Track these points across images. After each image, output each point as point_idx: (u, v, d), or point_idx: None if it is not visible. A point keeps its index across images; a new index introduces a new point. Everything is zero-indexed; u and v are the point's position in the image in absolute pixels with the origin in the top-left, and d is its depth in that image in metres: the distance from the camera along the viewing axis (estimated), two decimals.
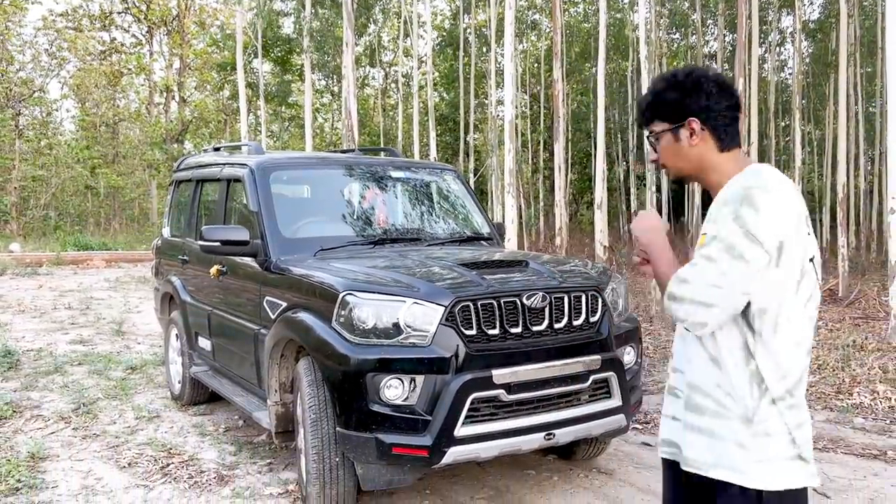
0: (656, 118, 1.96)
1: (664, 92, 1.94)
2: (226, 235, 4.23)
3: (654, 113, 1.96)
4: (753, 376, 1.79)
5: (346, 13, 14.41)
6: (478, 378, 3.30)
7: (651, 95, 1.97)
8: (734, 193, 1.78)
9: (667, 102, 1.93)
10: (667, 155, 1.96)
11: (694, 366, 1.88)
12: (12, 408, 5.45)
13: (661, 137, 1.95)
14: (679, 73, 1.95)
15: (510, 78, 11.19)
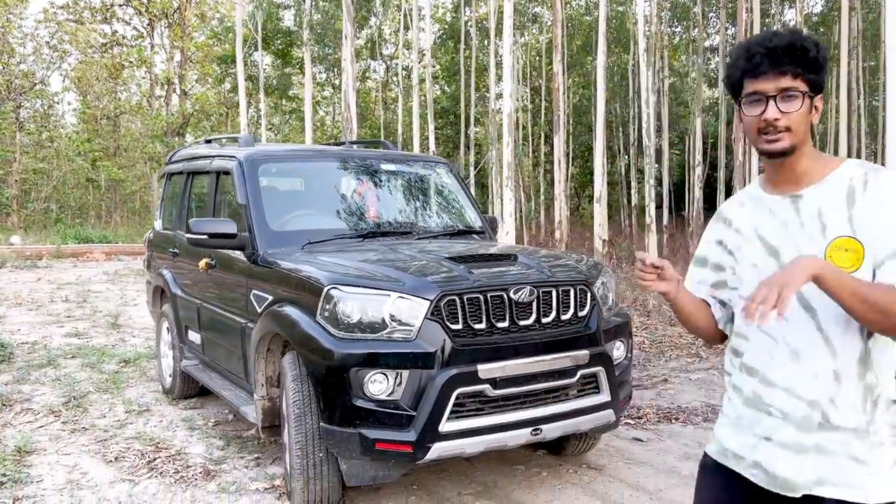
0: (803, 76, 1.66)
1: (822, 53, 1.68)
2: (213, 228, 4.19)
3: (807, 70, 1.66)
4: (868, 388, 1.67)
5: (346, 5, 14.33)
6: (463, 373, 3.27)
7: (817, 50, 1.67)
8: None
9: (821, 67, 1.68)
10: (798, 119, 1.67)
11: (820, 382, 1.68)
12: (2, 401, 5.42)
13: (799, 100, 1.66)
14: (821, 42, 1.73)
15: (509, 71, 11.14)
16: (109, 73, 32.72)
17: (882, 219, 1.61)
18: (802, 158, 1.72)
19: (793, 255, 1.65)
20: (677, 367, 6.53)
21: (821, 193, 1.69)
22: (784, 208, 1.74)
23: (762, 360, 1.76)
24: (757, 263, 1.77)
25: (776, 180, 1.78)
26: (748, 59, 1.67)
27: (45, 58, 32.49)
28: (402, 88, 20.79)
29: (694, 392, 5.69)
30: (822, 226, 1.66)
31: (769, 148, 1.69)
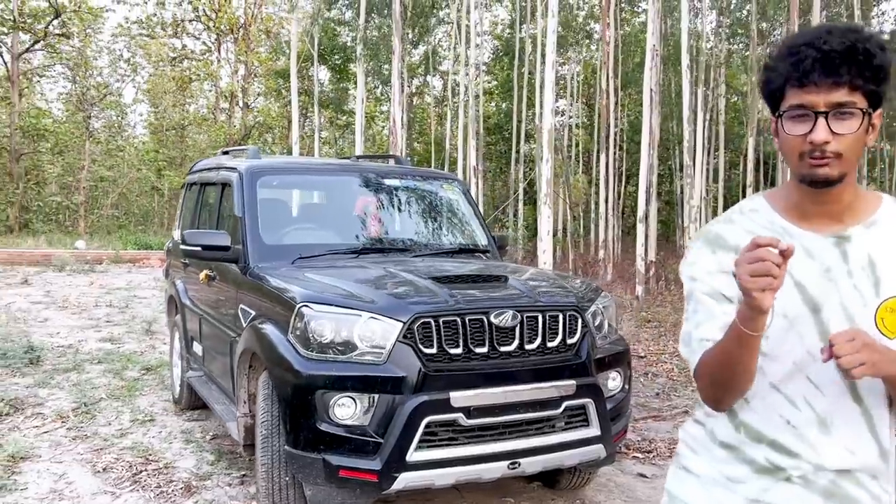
0: (863, 88, 1.33)
1: (887, 58, 1.34)
2: (207, 240, 4.16)
3: (869, 80, 1.33)
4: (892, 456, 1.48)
5: (395, 21, 14.41)
6: (434, 400, 3.11)
7: (884, 54, 1.33)
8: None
9: (886, 77, 1.35)
10: (853, 143, 1.35)
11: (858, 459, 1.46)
12: (15, 405, 5.50)
13: (852, 119, 1.34)
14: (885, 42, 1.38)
15: (550, 87, 10.95)
16: (178, 85, 33.82)
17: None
18: (847, 191, 1.41)
19: (838, 313, 1.40)
20: None
21: (871, 237, 1.41)
22: (826, 250, 1.42)
23: (774, 424, 1.47)
24: (789, 313, 1.43)
25: (809, 212, 1.44)
26: (795, 63, 1.34)
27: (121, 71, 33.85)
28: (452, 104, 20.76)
29: None
30: (874, 279, 1.39)
31: (814, 174, 1.36)
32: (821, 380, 1.42)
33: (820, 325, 1.41)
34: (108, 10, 29.41)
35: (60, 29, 28.48)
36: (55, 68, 33.14)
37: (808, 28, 1.45)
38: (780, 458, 1.46)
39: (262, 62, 31.52)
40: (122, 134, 34.48)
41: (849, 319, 1.39)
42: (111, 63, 33.91)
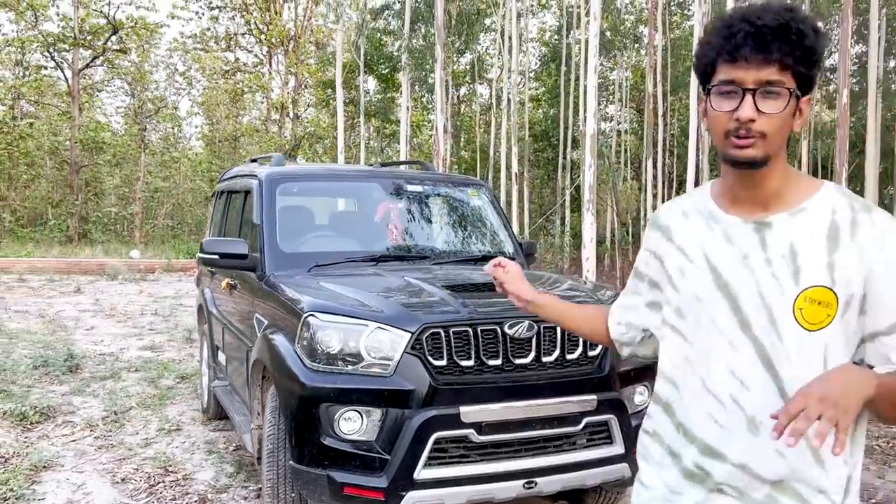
0: (793, 68, 1.30)
1: (822, 42, 1.31)
2: (225, 248, 4.10)
3: (800, 61, 1.30)
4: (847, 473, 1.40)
5: (437, 29, 14.36)
6: (443, 415, 2.96)
7: (816, 36, 1.29)
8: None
9: (818, 59, 1.31)
10: (779, 124, 1.31)
11: (789, 462, 1.38)
12: (48, 412, 5.54)
13: (783, 99, 1.30)
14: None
15: (592, 92, 10.72)
16: (231, 98, 34.53)
17: (877, 276, 1.31)
18: (775, 176, 1.37)
19: (754, 300, 1.36)
20: None
21: (796, 225, 1.36)
22: (746, 236, 1.39)
23: (703, 423, 1.43)
24: (702, 297, 1.43)
25: (739, 196, 1.42)
26: (727, 37, 1.31)
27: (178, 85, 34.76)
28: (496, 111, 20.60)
29: None
30: (794, 268, 1.34)
31: (736, 154, 1.33)
32: (745, 375, 1.37)
33: (738, 314, 1.38)
34: (164, 25, 30.11)
35: (118, 45, 29.33)
36: (114, 83, 34.24)
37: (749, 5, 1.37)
38: (708, 461, 1.41)
39: (311, 73, 31.91)
40: (177, 146, 35.37)
41: (765, 308, 1.35)
42: (168, 77, 34.88)
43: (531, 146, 27.80)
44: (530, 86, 29.60)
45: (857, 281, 1.32)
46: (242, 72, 34.84)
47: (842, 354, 1.35)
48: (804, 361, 1.33)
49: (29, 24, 28.29)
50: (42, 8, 27.90)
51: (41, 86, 30.08)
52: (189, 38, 33.90)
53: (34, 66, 30.04)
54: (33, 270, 17.53)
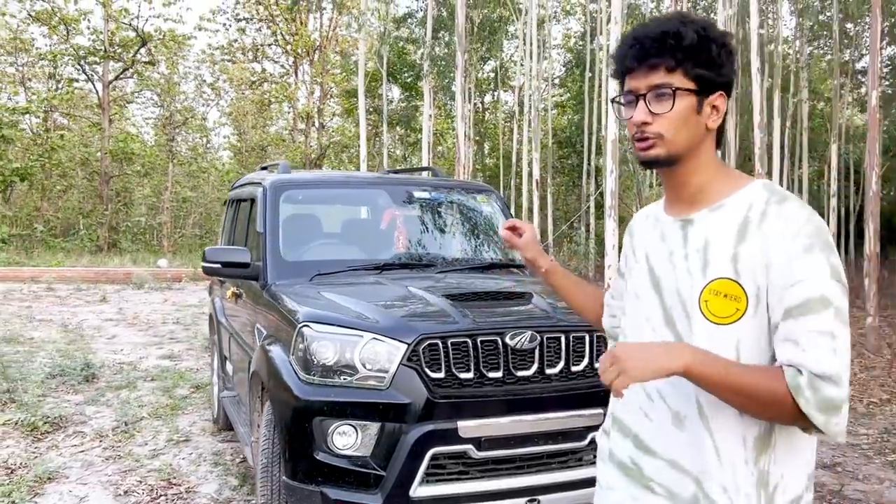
0: (682, 69, 1.36)
1: (709, 41, 1.37)
2: (227, 257, 4.03)
3: (685, 61, 1.36)
4: (762, 478, 1.37)
5: (458, 36, 14.30)
6: (440, 430, 2.85)
7: (694, 35, 1.35)
8: (815, 233, 1.31)
9: (708, 57, 1.37)
10: (673, 123, 1.37)
11: (699, 457, 1.38)
12: (59, 423, 5.52)
13: (677, 98, 1.36)
14: (717, 27, 1.43)
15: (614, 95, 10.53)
16: (258, 108, 34.84)
17: (774, 264, 1.30)
18: (696, 173, 1.43)
19: (673, 295, 1.42)
20: None
21: (713, 221, 1.40)
22: (674, 233, 1.46)
23: (635, 417, 1.49)
24: (640, 294, 1.52)
25: (670, 197, 1.51)
26: (622, 53, 1.42)
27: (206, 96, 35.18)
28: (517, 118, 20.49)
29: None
30: (704, 262, 1.38)
31: (640, 156, 1.43)
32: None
33: (664, 309, 1.43)
34: (192, 37, 30.50)
35: (147, 57, 29.74)
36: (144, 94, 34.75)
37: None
38: (640, 455, 1.46)
39: (336, 83, 32.08)
40: (205, 156, 35.77)
41: (681, 302, 1.40)
42: (196, 88, 35.33)
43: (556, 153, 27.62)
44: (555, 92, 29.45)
45: (760, 272, 1.31)
46: (269, 82, 35.14)
47: (756, 351, 1.34)
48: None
49: (61, 38, 28.82)
50: (74, 22, 28.41)
51: (73, 98, 30.61)
52: (216, 49, 34.29)
53: (66, 79, 30.58)
54: (62, 279, 17.76)
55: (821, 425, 1.26)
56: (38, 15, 28.39)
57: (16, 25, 29.57)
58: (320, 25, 32.83)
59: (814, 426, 1.27)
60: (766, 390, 1.26)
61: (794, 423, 1.30)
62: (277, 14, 32.74)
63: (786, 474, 1.38)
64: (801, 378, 1.25)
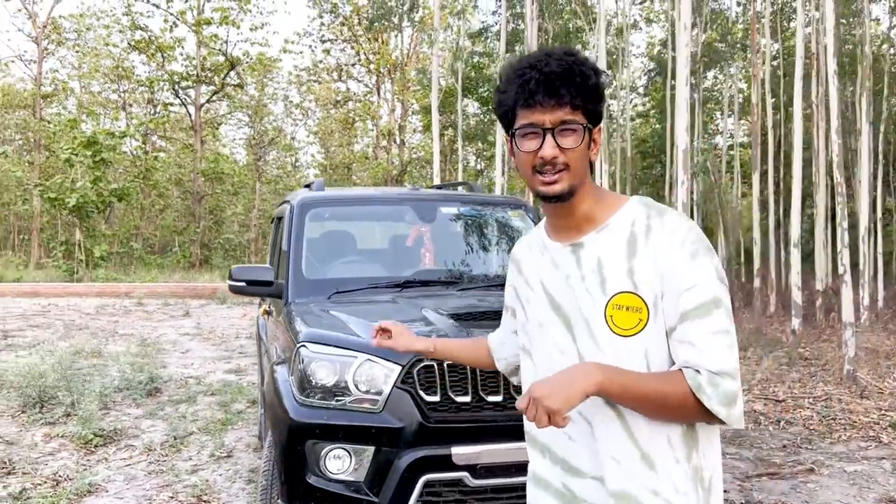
0: (583, 106, 1.44)
1: (601, 81, 1.47)
2: (251, 275, 4.05)
3: (587, 100, 1.44)
4: (697, 473, 1.43)
5: (527, 48, 14.18)
6: (433, 456, 2.74)
7: (594, 76, 1.44)
8: (697, 240, 1.41)
9: (601, 96, 1.47)
10: (578, 157, 1.45)
11: (623, 468, 1.42)
12: (113, 436, 5.70)
13: (577, 135, 1.44)
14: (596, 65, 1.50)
15: (683, 104, 10.12)
16: (343, 126, 35.67)
17: (667, 272, 1.38)
18: (584, 200, 1.49)
19: (577, 317, 1.46)
20: (840, 452, 5.25)
21: (601, 241, 1.47)
22: (566, 258, 1.51)
23: (561, 442, 1.51)
24: (543, 322, 1.55)
25: (557, 225, 1.54)
26: (521, 85, 1.44)
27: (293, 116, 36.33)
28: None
29: (841, 489, 4.48)
30: (601, 279, 1.44)
31: (546, 191, 1.46)
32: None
33: (570, 331, 1.48)
34: (278, 59, 31.57)
35: (236, 80, 30.96)
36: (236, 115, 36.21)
37: (532, 52, 1.51)
38: (570, 479, 1.49)
39: (417, 100, 32.46)
40: (294, 174, 36.89)
41: (585, 321, 1.45)
42: (285, 108, 36.54)
43: (639, 163, 26.96)
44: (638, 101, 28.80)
45: (656, 281, 1.38)
46: (353, 101, 35.93)
47: (663, 357, 1.40)
48: (622, 365, 1.38)
49: (158, 65, 30.39)
50: (169, 49, 29.92)
51: (168, 121, 32.20)
52: (303, 70, 35.35)
53: (162, 104, 32.20)
54: (152, 295, 18.57)
55: (724, 417, 1.34)
56: (136, 44, 30.04)
57: (118, 54, 31.42)
58: (401, 43, 33.33)
59: (717, 419, 1.35)
60: (672, 393, 1.34)
61: (699, 419, 1.37)
62: (360, 34, 33.48)
63: (714, 466, 1.46)
64: (700, 377, 1.33)
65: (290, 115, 37.54)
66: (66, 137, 22.99)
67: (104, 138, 22.84)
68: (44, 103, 30.49)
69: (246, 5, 29.34)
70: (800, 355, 9.34)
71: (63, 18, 31.34)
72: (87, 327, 12.57)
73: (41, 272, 24.37)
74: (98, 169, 22.59)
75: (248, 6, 29.56)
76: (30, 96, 31.14)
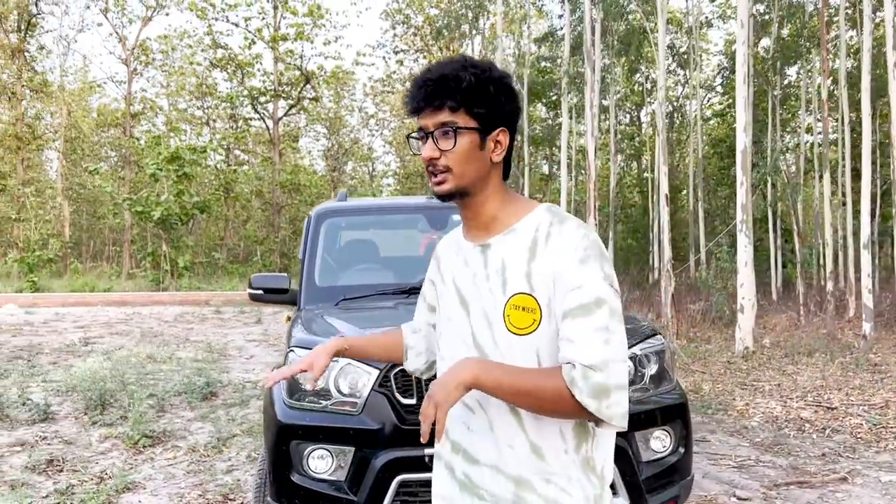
0: (464, 108, 1.49)
1: (486, 83, 1.50)
2: (268, 283, 4.23)
3: (466, 102, 1.49)
4: (587, 463, 1.50)
5: (586, 52, 14.08)
6: (407, 457, 2.82)
7: (472, 78, 1.49)
8: (590, 247, 1.48)
9: (487, 97, 1.50)
10: (459, 158, 1.50)
11: (517, 455, 1.50)
12: (160, 438, 6.01)
13: (461, 135, 1.49)
14: (496, 68, 1.55)
15: (742, 103, 9.89)
16: None
17: (558, 276, 1.45)
18: (487, 203, 1.55)
19: (479, 315, 1.53)
20: (883, 462, 5.01)
21: (507, 244, 1.53)
22: (475, 258, 1.57)
23: (460, 431, 1.57)
24: (452, 317, 1.61)
25: (468, 225, 1.61)
26: (411, 93, 1.54)
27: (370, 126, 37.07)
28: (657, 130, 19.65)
29: (871, 499, 4.28)
30: (503, 280, 1.51)
31: (435, 190, 1.55)
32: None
33: (471, 327, 1.55)
34: (351, 72, 32.31)
35: (312, 93, 31.87)
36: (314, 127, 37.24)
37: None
38: (469, 468, 1.54)
39: None
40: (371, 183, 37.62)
41: (486, 319, 1.52)
42: (362, 119, 37.33)
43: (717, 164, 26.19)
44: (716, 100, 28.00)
45: (550, 285, 1.45)
46: None
47: (554, 357, 1.46)
48: (515, 360, 1.47)
49: (238, 81, 31.64)
50: (248, 66, 31.10)
51: (249, 135, 33.43)
52: (377, 81, 36.04)
53: (243, 119, 33.46)
54: (229, 303, 19.33)
55: (594, 410, 1.36)
56: (218, 62, 31.35)
57: (201, 72, 32.89)
58: (471, 51, 33.50)
59: (593, 415, 1.38)
60: (548, 388, 1.38)
61: (577, 414, 1.39)
62: (433, 44, 33.88)
63: (605, 456, 1.54)
64: (574, 371, 1.37)
65: (366, 125, 38.36)
66: (152, 153, 24.22)
67: (187, 153, 23.94)
68: (133, 121, 32.17)
69: (319, 20, 30.17)
70: (869, 361, 8.91)
71: (151, 41, 33.05)
72: (162, 334, 13.21)
73: (131, 282, 25.73)
74: (181, 183, 23.68)
75: (322, 21, 30.40)
76: (121, 115, 32.93)
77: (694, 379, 8.04)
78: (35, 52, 31.41)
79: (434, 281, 1.75)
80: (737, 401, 6.88)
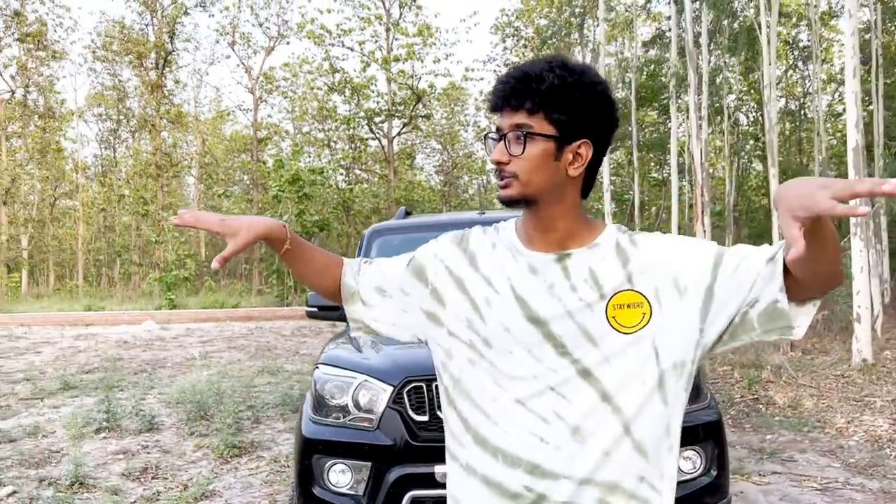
0: (543, 112, 1.35)
1: (572, 87, 1.35)
2: (322, 301, 4.37)
3: (545, 105, 1.35)
4: (673, 456, 1.41)
5: (688, 52, 13.63)
6: (417, 473, 2.85)
7: (556, 80, 1.35)
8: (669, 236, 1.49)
9: (571, 103, 1.36)
10: (528, 166, 1.37)
11: (613, 461, 1.36)
12: (248, 448, 6.31)
13: (532, 142, 1.36)
14: (590, 73, 1.40)
15: (851, 97, 9.23)
16: None
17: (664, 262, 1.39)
18: (563, 219, 1.42)
19: (568, 325, 1.39)
20: None
21: (591, 255, 1.42)
22: (549, 267, 1.42)
23: (527, 444, 1.38)
24: (511, 327, 1.42)
25: (534, 237, 1.45)
26: (493, 91, 1.42)
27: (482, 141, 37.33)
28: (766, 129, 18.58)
29: None
30: (597, 286, 1.39)
31: (499, 194, 1.43)
32: (567, 390, 1.37)
33: (551, 339, 1.39)
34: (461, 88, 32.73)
35: (424, 111, 32.52)
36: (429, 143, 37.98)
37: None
38: (538, 482, 1.37)
39: None
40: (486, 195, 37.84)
41: (580, 327, 1.38)
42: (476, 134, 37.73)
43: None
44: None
45: (653, 272, 1.38)
46: None
47: (678, 339, 1.37)
48: (626, 360, 1.35)
49: (355, 104, 32.79)
50: (363, 88, 32.17)
51: (366, 154, 34.53)
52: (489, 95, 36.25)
53: (360, 139, 34.63)
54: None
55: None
56: (335, 85, 32.64)
57: (322, 97, 34.35)
58: (582, 59, 33.12)
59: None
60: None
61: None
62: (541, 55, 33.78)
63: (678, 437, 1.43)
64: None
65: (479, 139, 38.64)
66: (275, 176, 25.49)
67: (306, 175, 25.04)
68: (260, 146, 34.01)
69: (429, 39, 30.79)
70: None
71: (276, 69, 34.87)
72: (276, 348, 13.85)
73: (259, 298, 27.13)
74: (301, 203, 24.77)
75: (432, 40, 31.01)
76: (249, 140, 34.90)
77: (797, 394, 7.54)
78: (172, 86, 33.91)
79: (459, 276, 1.51)
80: (837, 417, 6.39)
